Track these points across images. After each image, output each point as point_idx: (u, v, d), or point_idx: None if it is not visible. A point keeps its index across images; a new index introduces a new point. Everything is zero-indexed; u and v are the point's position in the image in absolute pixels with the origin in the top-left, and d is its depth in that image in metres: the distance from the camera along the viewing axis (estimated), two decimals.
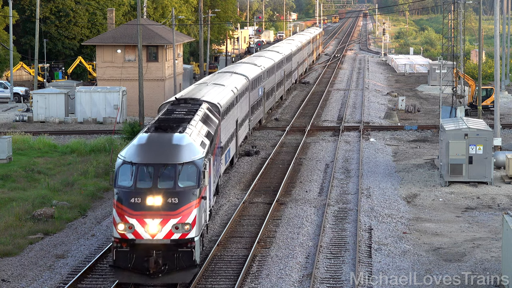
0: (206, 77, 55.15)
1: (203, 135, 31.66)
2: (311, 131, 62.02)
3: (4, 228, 34.90)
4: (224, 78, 50.95)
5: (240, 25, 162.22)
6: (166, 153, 27.81)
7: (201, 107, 36.36)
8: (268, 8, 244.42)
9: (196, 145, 28.88)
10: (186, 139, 28.60)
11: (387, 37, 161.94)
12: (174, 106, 37.29)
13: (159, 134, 28.97)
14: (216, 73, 56.72)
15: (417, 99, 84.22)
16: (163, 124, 30.44)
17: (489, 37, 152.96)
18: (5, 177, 45.00)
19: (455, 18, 64.64)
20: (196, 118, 33.06)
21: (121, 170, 27.61)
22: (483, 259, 30.50)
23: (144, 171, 27.39)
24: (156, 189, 27.08)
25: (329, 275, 29.01)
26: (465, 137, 42.77)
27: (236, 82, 50.72)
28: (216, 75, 53.87)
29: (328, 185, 43.27)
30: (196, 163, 27.76)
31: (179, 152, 27.87)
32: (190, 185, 27.42)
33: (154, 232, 26.96)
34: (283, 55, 79.24)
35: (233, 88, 47.97)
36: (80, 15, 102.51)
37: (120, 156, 28.18)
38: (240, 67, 59.91)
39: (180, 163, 27.51)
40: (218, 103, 41.11)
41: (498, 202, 39.96)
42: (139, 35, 59.41)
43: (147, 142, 28.38)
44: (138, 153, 27.90)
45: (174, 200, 27.07)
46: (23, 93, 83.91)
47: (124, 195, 27.22)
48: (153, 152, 27.89)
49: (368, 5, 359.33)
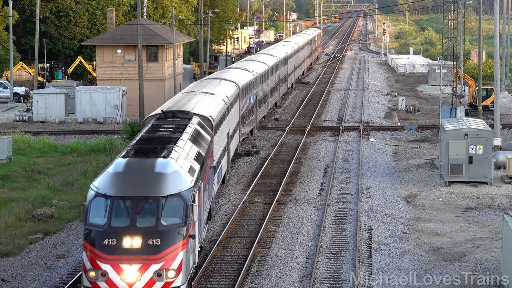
0: (193, 85, 50.34)
1: (192, 158, 27.54)
2: (311, 131, 62.01)
3: (4, 228, 34.91)
4: (213, 86, 46.60)
5: (240, 25, 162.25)
6: (147, 184, 23.72)
7: (191, 122, 32.12)
8: (268, 8, 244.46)
9: (183, 172, 24.84)
10: (172, 166, 24.53)
11: (387, 37, 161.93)
12: (160, 121, 32.84)
13: (140, 160, 24.86)
14: (204, 79, 51.82)
15: (417, 99, 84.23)
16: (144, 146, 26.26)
17: (489, 37, 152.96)
18: (5, 177, 45.00)
19: (455, 18, 64.64)
20: (185, 137, 28.83)
21: (93, 204, 23.49)
22: (483, 259, 30.50)
23: (120, 205, 23.37)
24: (135, 228, 23.05)
25: (329, 275, 29.01)
26: (465, 137, 42.77)
27: (227, 90, 46.37)
28: (203, 82, 49.01)
29: (328, 185, 43.28)
30: (183, 195, 23.78)
31: (163, 182, 23.83)
32: (175, 222, 23.44)
33: (132, 281, 22.94)
34: (278, 59, 74.81)
35: (224, 97, 43.50)
36: (80, 15, 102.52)
37: (92, 186, 24.09)
38: (230, 73, 54.91)
39: (163, 195, 23.52)
40: (210, 116, 36.66)
41: (498, 202, 39.97)
42: (139, 35, 59.42)
43: (124, 170, 24.26)
44: (114, 184, 23.80)
45: (156, 242, 22.98)
46: (23, 93, 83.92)
47: (96, 235, 23.06)
48: (131, 182, 23.81)
49: (368, 5, 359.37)
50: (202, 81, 50.31)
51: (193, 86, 48.13)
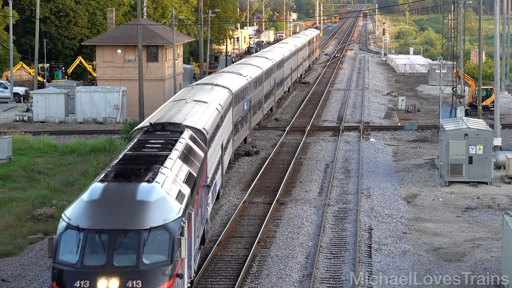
0: (183, 91, 45.07)
1: (182, 180, 23.83)
2: (311, 131, 62.01)
3: (4, 228, 34.91)
4: (205, 93, 42.91)
5: (240, 25, 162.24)
6: (127, 214, 20.28)
7: (182, 136, 28.67)
8: (268, 8, 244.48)
9: (170, 199, 21.33)
10: (157, 192, 21.10)
11: (387, 37, 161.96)
12: (148, 135, 29.24)
13: (119, 184, 21.41)
14: (195, 85, 47.39)
15: (417, 99, 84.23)
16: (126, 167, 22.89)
17: (489, 37, 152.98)
18: (5, 177, 45.01)
19: (455, 18, 64.64)
20: (174, 155, 25.20)
21: (64, 238, 20.05)
22: (483, 259, 30.50)
23: (95, 240, 19.97)
24: (112, 267, 19.70)
25: (329, 275, 29.01)
26: (465, 137, 42.77)
27: (220, 97, 42.59)
28: (194, 88, 45.00)
29: (328, 185, 43.27)
30: (169, 227, 20.33)
31: (146, 212, 20.39)
32: (159, 260, 20.08)
33: None
34: (273, 62, 70.63)
35: (217, 106, 39.75)
36: (80, 15, 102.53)
37: (64, 216, 20.62)
38: (222, 78, 50.80)
39: (146, 228, 20.07)
40: (204, 128, 33.01)
41: (498, 202, 39.96)
42: (139, 35, 59.43)
43: (101, 198, 20.78)
44: (88, 214, 20.33)
45: (136, 284, 19.66)
46: (23, 93, 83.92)
47: (67, 276, 19.73)
48: (108, 212, 20.40)
49: (368, 5, 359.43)
50: (193, 87, 45.95)
51: (184, 93, 43.77)
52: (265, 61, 68.09)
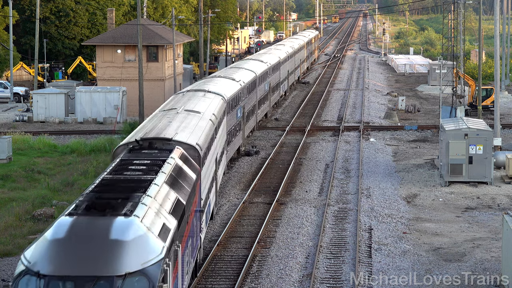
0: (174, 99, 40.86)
1: (168, 211, 20.29)
2: (311, 131, 62.01)
3: (4, 228, 34.91)
4: (197, 100, 39.16)
5: (240, 25, 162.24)
6: (98, 257, 16.80)
7: (171, 155, 25.05)
8: (268, 8, 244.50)
9: (152, 237, 17.75)
10: (135, 229, 17.56)
11: (387, 37, 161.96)
12: (132, 154, 25.54)
13: (91, 219, 17.75)
14: (186, 91, 43.37)
15: (417, 99, 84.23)
16: (101, 196, 19.30)
17: (489, 37, 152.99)
18: (5, 177, 45.01)
19: (455, 18, 64.65)
20: (160, 180, 21.62)
21: (21, 286, 16.52)
22: (483, 259, 30.50)
23: None
24: None
25: (329, 275, 29.01)
26: (465, 137, 42.77)
27: (213, 106, 38.79)
28: (186, 96, 41.07)
29: (328, 185, 43.27)
30: (148, 273, 16.86)
31: (120, 254, 16.87)
32: None
33: None
34: (268, 65, 66.95)
35: (211, 116, 35.98)
36: (80, 15, 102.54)
37: (23, 258, 17.04)
38: (215, 83, 47.11)
39: (120, 274, 16.59)
40: (197, 144, 29.16)
41: (498, 202, 39.96)
42: (139, 35, 59.43)
43: (68, 236, 17.14)
44: (51, 257, 16.78)
45: None
46: (23, 93, 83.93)
47: None
48: (76, 254, 16.85)
49: (368, 5, 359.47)
50: (184, 94, 42.07)
51: (174, 101, 39.59)
52: (259, 64, 64.57)
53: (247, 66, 61.05)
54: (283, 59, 78.78)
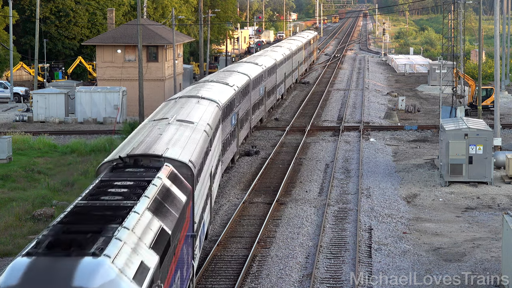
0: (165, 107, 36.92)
1: (148, 245, 16.97)
2: (311, 131, 62.01)
3: (4, 228, 34.91)
4: (190, 108, 35.55)
5: (240, 25, 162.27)
6: None
7: (158, 174, 21.73)
8: (268, 8, 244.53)
9: (125, 281, 14.63)
10: (104, 272, 14.45)
11: (387, 37, 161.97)
12: (115, 174, 22.09)
13: (53, 260, 14.56)
14: (178, 98, 39.50)
15: (417, 99, 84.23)
16: (69, 229, 16.05)
17: (489, 37, 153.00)
18: (5, 177, 45.01)
19: (455, 18, 64.66)
20: (141, 206, 18.47)
21: None
22: (483, 259, 30.50)
23: None
24: None
25: (329, 275, 29.00)
26: (465, 137, 42.77)
27: (208, 115, 35.17)
28: (178, 103, 37.45)
29: (328, 185, 43.27)
30: None
31: None
32: None
33: None
34: (264, 68, 63.63)
35: (205, 127, 32.33)
36: (80, 15, 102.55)
37: None
38: (208, 89, 43.49)
39: None
40: (190, 161, 25.45)
41: (498, 202, 39.96)
42: (139, 35, 59.43)
43: (22, 283, 14.04)
44: None
45: None
46: (23, 93, 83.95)
47: None
48: None
49: (368, 5, 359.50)
50: (177, 100, 38.31)
51: (166, 109, 35.86)
52: (254, 67, 61.30)
53: (241, 69, 57.51)
54: (279, 62, 75.62)
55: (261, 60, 67.35)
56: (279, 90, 76.85)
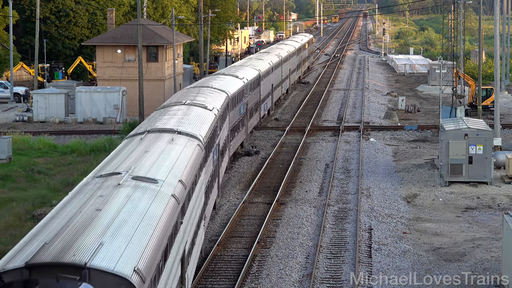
0: (126, 147, 25.91)
1: None
2: (311, 131, 62.00)
3: (4, 228, 34.89)
4: (157, 152, 24.89)
5: (240, 25, 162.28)
6: None
7: None
8: (268, 8, 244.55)
9: None
10: None
11: (387, 37, 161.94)
12: None
13: None
14: (144, 132, 28.25)
15: (417, 99, 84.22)
16: None
17: (489, 37, 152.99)
18: (5, 177, 45.00)
19: (455, 18, 64.67)
20: None
21: None
22: (483, 259, 30.50)
23: None
24: None
25: (329, 275, 29.01)
26: (465, 137, 42.77)
27: (183, 160, 25.14)
28: (144, 141, 26.55)
29: (328, 185, 43.27)
30: None
31: None
32: None
33: None
34: (245, 81, 52.52)
35: (176, 188, 21.73)
36: (80, 15, 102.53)
37: None
38: (184, 114, 33.19)
39: None
40: (137, 270, 15.35)
41: (498, 202, 39.96)
42: (139, 35, 59.42)
43: None
44: None
45: None
46: (23, 93, 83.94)
47: None
48: None
49: (368, 5, 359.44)
50: (143, 138, 27.15)
51: (124, 152, 24.95)
52: (233, 81, 50.10)
53: (217, 84, 46.00)
54: (265, 72, 64.38)
55: (242, 72, 55.48)
56: (264, 106, 65.49)
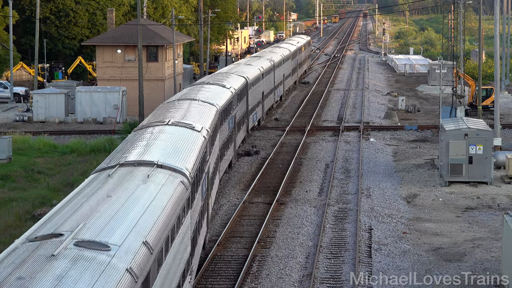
0: (93, 184, 20.66)
1: None
2: (311, 131, 62.00)
3: (4, 228, 34.90)
4: (121, 198, 19.19)
5: (240, 25, 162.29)
6: None
7: None
8: (268, 8, 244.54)
9: None
10: None
11: (387, 37, 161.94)
12: None
13: None
14: (106, 174, 21.52)
15: (417, 99, 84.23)
16: None
17: (489, 37, 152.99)
18: (5, 177, 45.02)
19: (455, 18, 64.68)
20: None
21: None
22: (483, 259, 30.50)
23: None
24: None
25: (329, 275, 29.01)
26: (465, 137, 42.77)
27: (153, 212, 18.81)
28: (111, 180, 20.90)
29: (328, 185, 43.27)
30: None
31: None
32: None
33: None
34: (233, 91, 46.54)
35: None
36: (80, 15, 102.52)
37: None
38: (161, 142, 26.39)
39: None
40: None
41: (498, 202, 39.96)
42: (139, 35, 59.42)
43: None
44: None
45: None
46: (23, 93, 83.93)
47: None
48: None
49: (368, 5, 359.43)
50: (110, 176, 21.18)
51: (76, 202, 18.84)
52: (221, 92, 44.37)
53: (204, 95, 40.61)
54: (253, 79, 57.93)
55: (230, 80, 49.51)
56: (253, 117, 58.69)
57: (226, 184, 43.50)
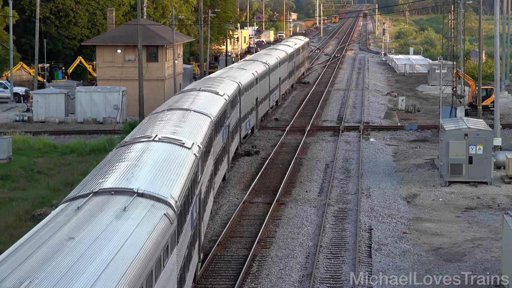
0: (58, 219, 17.14)
1: None
2: (311, 131, 62.00)
3: (4, 228, 34.89)
4: (86, 240, 15.72)
5: (240, 25, 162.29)
6: None
7: None
8: (268, 8, 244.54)
9: None
10: None
11: (387, 37, 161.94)
12: None
13: None
14: (75, 206, 17.94)
15: (417, 99, 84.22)
16: None
17: (489, 37, 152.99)
18: (5, 177, 45.01)
19: (455, 18, 64.68)
20: None
21: None
22: (483, 259, 30.50)
23: None
24: None
25: (329, 275, 29.01)
26: (465, 137, 42.77)
27: (123, 259, 15.22)
28: (80, 214, 17.42)
29: (328, 185, 43.27)
30: None
31: None
32: None
33: None
34: (227, 99, 42.86)
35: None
36: (80, 15, 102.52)
37: None
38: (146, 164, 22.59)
39: None
40: None
41: (498, 202, 39.96)
42: (139, 35, 59.42)
43: None
44: None
45: None
46: (23, 93, 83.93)
47: None
48: None
49: (368, 5, 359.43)
50: (78, 210, 17.81)
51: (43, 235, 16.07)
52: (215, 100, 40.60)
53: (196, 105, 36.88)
54: (247, 84, 54.43)
55: (222, 87, 46.13)
56: (246, 124, 55.35)
57: (226, 184, 43.50)
